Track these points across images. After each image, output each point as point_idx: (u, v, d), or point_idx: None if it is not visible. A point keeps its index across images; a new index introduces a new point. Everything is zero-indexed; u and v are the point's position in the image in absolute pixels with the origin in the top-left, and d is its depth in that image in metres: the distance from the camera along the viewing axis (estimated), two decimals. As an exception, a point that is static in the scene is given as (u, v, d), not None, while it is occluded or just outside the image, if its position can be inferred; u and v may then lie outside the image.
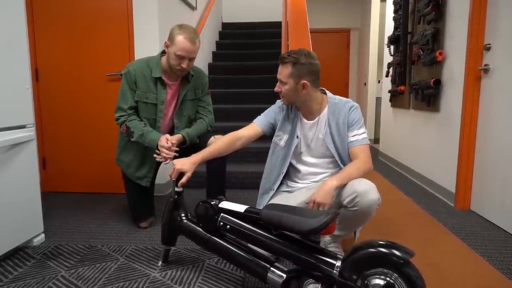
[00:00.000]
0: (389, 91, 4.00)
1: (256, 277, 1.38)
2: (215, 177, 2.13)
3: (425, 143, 3.17)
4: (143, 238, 2.03)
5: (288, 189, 1.77)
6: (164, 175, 2.71)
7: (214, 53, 4.87)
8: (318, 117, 1.69)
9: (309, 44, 2.89)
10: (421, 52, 3.06)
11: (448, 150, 2.70)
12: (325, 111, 1.68)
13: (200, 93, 2.16)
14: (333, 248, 1.65)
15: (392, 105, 4.06)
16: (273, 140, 1.78)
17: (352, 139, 1.62)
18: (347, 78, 6.77)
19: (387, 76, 4.13)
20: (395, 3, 3.80)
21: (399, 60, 3.54)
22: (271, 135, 1.79)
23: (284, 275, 1.30)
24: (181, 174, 1.57)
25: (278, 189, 1.76)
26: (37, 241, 1.93)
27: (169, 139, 1.90)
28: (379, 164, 4.22)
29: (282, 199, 1.68)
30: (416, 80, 3.21)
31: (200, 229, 1.54)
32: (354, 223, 1.56)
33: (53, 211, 2.44)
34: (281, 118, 1.75)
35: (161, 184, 2.75)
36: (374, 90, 5.79)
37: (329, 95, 1.72)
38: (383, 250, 1.13)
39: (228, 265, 1.71)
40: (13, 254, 1.81)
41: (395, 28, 3.76)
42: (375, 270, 1.15)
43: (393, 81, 3.87)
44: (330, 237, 1.68)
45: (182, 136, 1.99)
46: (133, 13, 2.67)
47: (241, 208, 1.45)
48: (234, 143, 1.71)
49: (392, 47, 3.88)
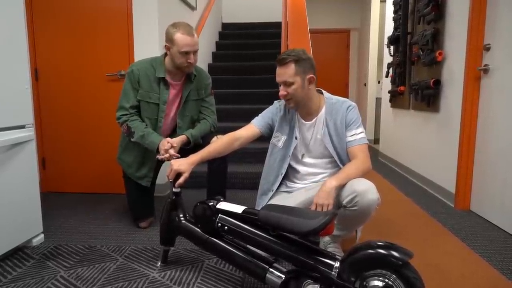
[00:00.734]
0: (389, 92, 3.99)
1: (255, 278, 1.38)
2: (216, 178, 2.13)
3: (425, 143, 3.17)
4: (143, 238, 2.03)
5: (287, 189, 1.77)
6: (164, 175, 2.71)
7: (214, 53, 4.87)
8: (316, 117, 1.68)
9: (308, 44, 2.89)
10: (421, 52, 3.06)
11: (448, 151, 2.70)
12: (323, 111, 1.68)
13: (203, 94, 2.17)
14: (333, 249, 1.65)
15: (392, 106, 4.06)
16: (271, 141, 1.78)
17: (351, 138, 1.62)
18: (347, 79, 6.77)
19: (387, 76, 4.13)
20: (395, 3, 3.80)
21: (399, 61, 3.54)
22: (269, 136, 1.79)
23: (283, 276, 1.30)
24: (178, 175, 1.57)
25: (277, 189, 1.76)
26: (36, 241, 1.93)
27: (170, 142, 1.89)
28: (379, 164, 4.21)
29: (281, 200, 1.68)
30: (416, 81, 3.21)
31: (198, 229, 1.54)
32: (353, 223, 1.56)
33: (52, 211, 2.44)
34: (278, 119, 1.74)
35: (161, 184, 2.74)
36: (374, 91, 5.79)
37: (326, 95, 1.72)
38: (381, 251, 1.12)
39: (227, 265, 1.71)
40: (12, 254, 1.81)
41: (395, 29, 3.76)
42: (373, 272, 1.15)
43: (393, 82, 3.87)
44: (329, 238, 1.68)
45: (186, 137, 1.99)
46: (133, 13, 2.67)
47: (239, 209, 1.45)
48: (232, 143, 1.72)
49: (392, 47, 3.88)
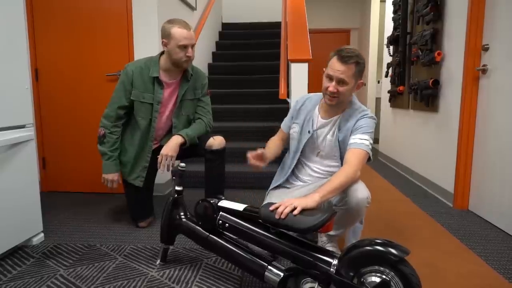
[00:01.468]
0: (389, 92, 4.00)
1: (254, 276, 1.39)
2: (214, 177, 2.14)
3: (424, 143, 3.18)
4: (142, 238, 2.03)
5: (288, 185, 1.79)
6: (163, 175, 2.72)
7: (213, 53, 4.88)
8: (333, 117, 1.67)
9: (308, 44, 2.90)
10: (420, 53, 3.06)
11: (446, 150, 2.71)
12: (342, 114, 1.66)
13: (199, 94, 2.17)
14: (331, 248, 1.65)
15: (391, 106, 4.06)
16: (290, 133, 1.80)
17: (352, 141, 1.56)
18: (347, 79, 6.76)
19: (386, 76, 4.14)
20: (394, 3, 3.80)
21: (398, 61, 3.54)
22: None
23: (282, 274, 1.31)
24: (178, 172, 1.60)
25: (283, 184, 1.79)
26: (36, 240, 1.94)
27: (115, 181, 2.04)
28: (378, 164, 4.22)
29: (280, 194, 1.71)
30: (415, 81, 3.21)
31: (199, 227, 1.56)
32: (345, 221, 1.56)
33: (52, 211, 2.45)
34: (297, 110, 1.78)
35: (161, 184, 2.75)
36: (374, 91, 5.80)
37: (354, 100, 1.69)
38: (379, 248, 1.15)
39: (226, 264, 1.71)
40: (12, 253, 1.82)
41: (395, 29, 3.76)
42: (371, 268, 1.17)
43: (393, 82, 3.88)
44: (326, 237, 1.69)
45: (182, 137, 1.99)
46: (133, 13, 2.67)
47: (240, 206, 1.46)
48: (281, 145, 1.83)
49: (391, 47, 3.88)
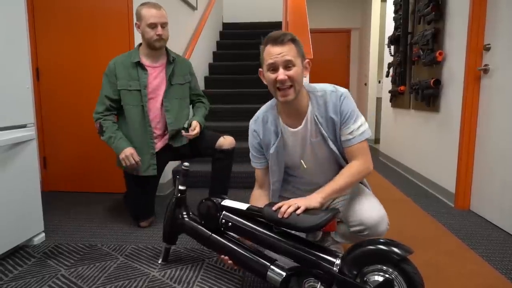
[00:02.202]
0: (390, 91, 3.99)
1: (256, 275, 1.39)
2: (220, 177, 2.15)
3: (425, 143, 3.17)
4: (143, 238, 2.03)
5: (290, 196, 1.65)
6: (164, 175, 2.71)
7: (214, 53, 4.88)
8: (304, 119, 1.43)
9: (309, 44, 2.89)
10: (421, 52, 3.06)
11: (448, 150, 2.70)
12: (309, 108, 1.43)
13: (188, 78, 2.23)
14: (335, 249, 1.64)
15: (392, 105, 4.06)
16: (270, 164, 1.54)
17: (349, 136, 1.40)
18: (347, 78, 6.77)
19: (387, 76, 4.13)
20: (395, 3, 3.79)
21: (399, 60, 3.54)
22: None
23: (284, 273, 1.31)
24: (182, 171, 1.60)
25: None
26: (37, 240, 1.94)
27: (133, 154, 1.98)
28: (379, 164, 4.22)
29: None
30: (416, 80, 3.21)
31: (201, 227, 1.55)
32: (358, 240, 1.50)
33: (53, 210, 2.45)
34: (261, 136, 1.51)
35: (161, 183, 2.75)
36: (375, 90, 5.80)
37: (308, 87, 1.45)
38: (382, 247, 1.15)
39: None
40: (13, 253, 1.82)
41: (396, 28, 3.76)
42: (374, 267, 1.17)
43: (393, 81, 3.87)
44: (331, 240, 1.67)
45: (198, 123, 2.11)
46: (134, 13, 2.67)
47: (243, 206, 1.46)
48: (261, 197, 1.59)
49: (392, 47, 3.88)
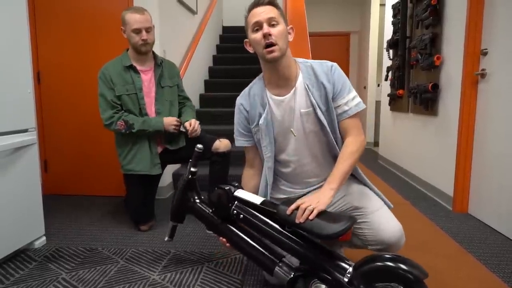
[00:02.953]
0: (388, 95, 4.01)
1: (263, 269, 1.36)
2: (218, 179, 2.16)
3: (423, 146, 3.19)
4: (143, 241, 2.04)
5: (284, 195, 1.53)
6: (163, 178, 2.73)
7: (214, 56, 4.90)
8: (294, 87, 1.36)
9: (308, 47, 2.91)
10: (419, 57, 3.08)
11: (446, 154, 2.72)
12: (300, 78, 1.37)
13: (176, 81, 2.28)
14: (338, 252, 1.63)
15: (391, 109, 4.08)
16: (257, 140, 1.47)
17: (345, 107, 1.34)
18: (347, 81, 6.78)
19: (386, 80, 4.15)
20: (394, 7, 3.82)
21: (398, 64, 3.56)
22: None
23: (292, 272, 1.27)
24: (197, 154, 1.58)
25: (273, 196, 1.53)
26: (38, 243, 1.95)
27: (173, 119, 2.10)
28: (378, 167, 4.23)
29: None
30: (415, 84, 3.23)
31: (211, 214, 1.53)
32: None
33: (54, 214, 2.46)
34: (248, 114, 1.45)
35: (161, 187, 2.76)
36: (374, 94, 5.81)
37: (299, 59, 1.42)
38: (402, 266, 1.09)
39: (227, 267, 1.72)
40: (14, 256, 1.83)
41: (394, 32, 3.79)
42: (385, 284, 1.12)
43: (392, 85, 3.90)
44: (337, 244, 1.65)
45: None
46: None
47: (257, 199, 1.38)
48: (253, 177, 1.56)
49: (391, 51, 3.90)
